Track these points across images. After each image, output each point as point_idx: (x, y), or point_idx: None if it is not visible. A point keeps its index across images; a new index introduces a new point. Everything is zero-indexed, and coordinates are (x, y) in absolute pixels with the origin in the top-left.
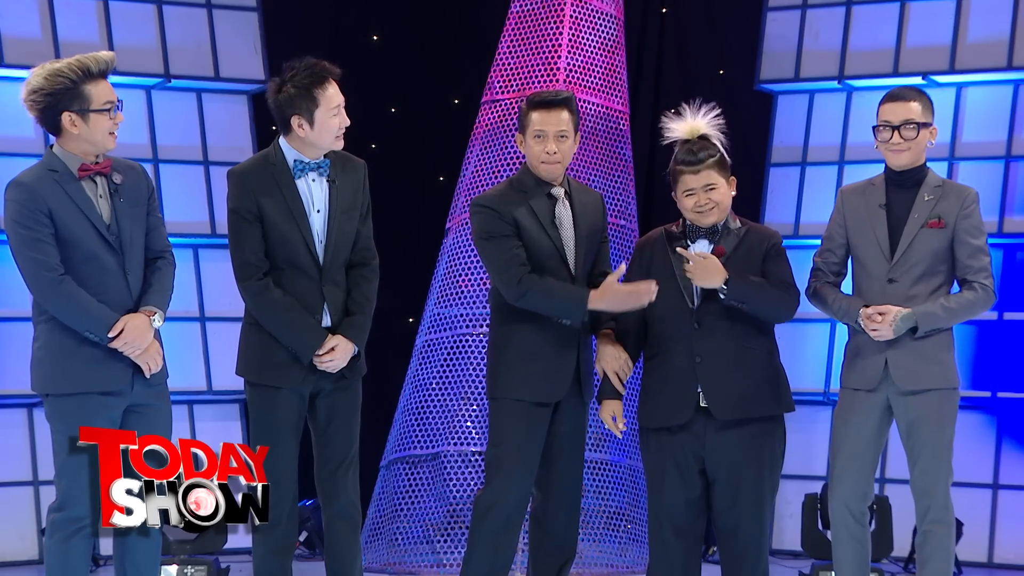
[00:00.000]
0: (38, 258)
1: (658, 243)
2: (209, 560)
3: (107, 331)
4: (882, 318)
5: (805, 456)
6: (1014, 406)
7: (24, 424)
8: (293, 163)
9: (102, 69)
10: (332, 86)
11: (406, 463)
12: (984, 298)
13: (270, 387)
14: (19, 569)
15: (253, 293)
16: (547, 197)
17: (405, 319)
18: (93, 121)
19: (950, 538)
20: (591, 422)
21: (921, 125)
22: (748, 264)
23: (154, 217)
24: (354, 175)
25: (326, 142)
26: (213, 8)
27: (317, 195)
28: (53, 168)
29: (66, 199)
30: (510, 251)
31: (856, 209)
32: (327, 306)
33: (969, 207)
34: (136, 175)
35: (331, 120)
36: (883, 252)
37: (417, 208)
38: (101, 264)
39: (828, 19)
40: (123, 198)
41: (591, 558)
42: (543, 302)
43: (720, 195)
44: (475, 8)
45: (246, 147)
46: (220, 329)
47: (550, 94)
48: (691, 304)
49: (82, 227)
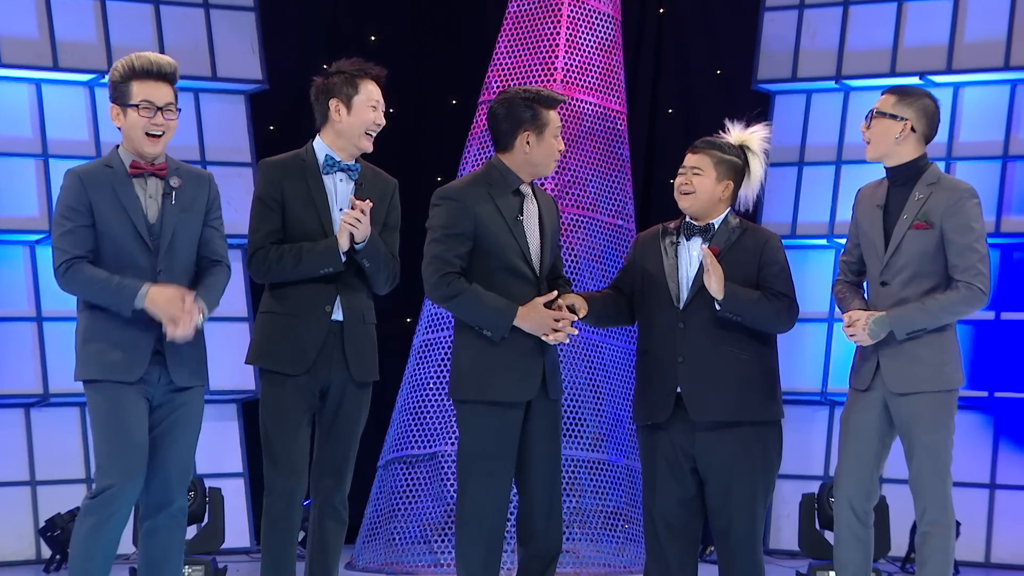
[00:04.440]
0: (59, 247)
1: (652, 240)
2: (207, 560)
3: (131, 300)
4: (856, 324)
5: (802, 456)
6: (1011, 406)
7: (22, 424)
8: (324, 158)
9: (146, 68)
10: (374, 84)
11: (403, 463)
12: (968, 297)
13: (280, 375)
14: (17, 569)
15: (255, 266)
16: (514, 194)
17: (403, 319)
18: (130, 117)
19: (949, 539)
20: (586, 422)
21: (879, 115)
22: (741, 264)
23: (210, 228)
24: (383, 188)
25: (357, 132)
26: (210, 8)
27: (342, 194)
28: (110, 164)
29: (111, 194)
30: (453, 251)
31: (864, 209)
32: (339, 300)
33: (956, 204)
34: (200, 183)
35: (367, 111)
36: (878, 254)
37: (415, 208)
38: (133, 261)
39: (825, 19)
40: (176, 202)
41: (588, 558)
42: (470, 309)
43: (702, 183)
44: (472, 8)
45: (243, 147)
46: (217, 329)
47: (558, 93)
48: (677, 304)
49: (121, 224)
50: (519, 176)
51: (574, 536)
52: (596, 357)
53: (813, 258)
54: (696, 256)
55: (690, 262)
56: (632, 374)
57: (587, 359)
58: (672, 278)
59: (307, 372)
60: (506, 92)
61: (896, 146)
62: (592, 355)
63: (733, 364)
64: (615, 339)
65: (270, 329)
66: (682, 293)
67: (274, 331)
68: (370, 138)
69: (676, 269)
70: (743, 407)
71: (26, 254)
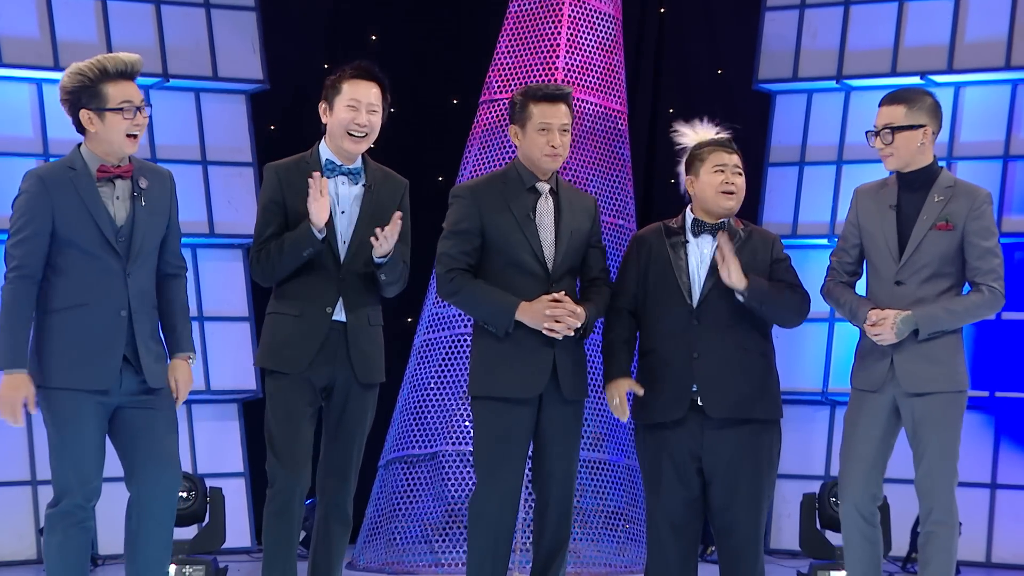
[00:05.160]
0: (10, 252)
1: (656, 240)
2: (207, 560)
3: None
4: (883, 323)
5: (803, 456)
6: (1013, 406)
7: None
8: (325, 162)
9: (120, 69)
10: (364, 84)
11: (404, 463)
12: (991, 300)
13: (282, 373)
14: (17, 569)
15: (255, 268)
16: (529, 192)
17: (403, 318)
18: (109, 120)
19: (952, 539)
20: (588, 421)
21: (898, 129)
22: (754, 263)
23: (170, 230)
24: (393, 190)
25: (339, 133)
26: (211, 8)
27: (344, 197)
28: (72, 166)
29: (74, 197)
30: (459, 247)
31: (868, 209)
32: (341, 301)
33: (979, 208)
34: (162, 182)
35: (344, 112)
36: (892, 253)
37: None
38: (102, 265)
39: (826, 19)
40: (145, 203)
41: (589, 558)
42: (473, 304)
43: (743, 184)
44: (473, 8)
45: (244, 147)
46: (218, 329)
47: (552, 87)
48: (691, 301)
49: (85, 227)
50: (533, 173)
51: (575, 536)
52: (596, 356)
53: (814, 258)
54: (707, 253)
55: (700, 259)
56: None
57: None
58: (683, 275)
59: (308, 369)
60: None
61: (918, 153)
62: (592, 354)
63: (745, 360)
64: None
65: (273, 329)
66: (695, 290)
67: (276, 331)
68: (353, 139)
69: (687, 266)
70: (756, 403)
71: None
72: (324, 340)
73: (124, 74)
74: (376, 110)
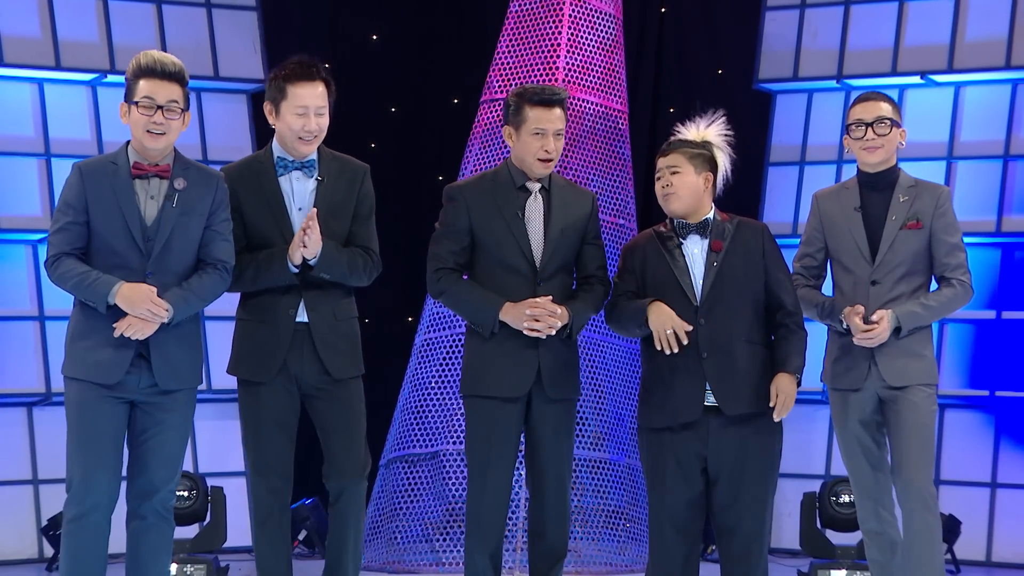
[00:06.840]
0: (52, 241)
1: (650, 245)
2: (209, 559)
3: (105, 296)
4: (877, 326)
5: (803, 455)
6: (1012, 405)
7: (24, 423)
8: (277, 160)
9: (149, 65)
10: (308, 87)
11: (405, 462)
12: (963, 294)
13: (252, 382)
14: (19, 568)
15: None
16: (519, 190)
17: (404, 318)
18: (133, 114)
19: (936, 524)
20: (588, 421)
21: (893, 123)
22: (747, 256)
23: (212, 231)
24: (351, 178)
25: (290, 138)
26: (212, 8)
27: (300, 193)
28: (115, 161)
29: (108, 191)
30: (447, 247)
31: (831, 213)
32: (303, 302)
33: (943, 205)
34: (207, 184)
35: (293, 118)
36: (863, 254)
37: (416, 207)
38: (123, 261)
39: (826, 18)
40: (177, 205)
41: (590, 557)
42: (458, 303)
43: (681, 181)
44: (474, 7)
45: (245, 147)
46: (218, 329)
47: (549, 91)
48: (694, 300)
49: (114, 222)
50: (524, 172)
51: (576, 535)
52: (597, 356)
53: None
54: (697, 253)
55: (694, 259)
56: (633, 373)
57: (588, 358)
58: (685, 276)
59: (279, 375)
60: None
61: (895, 151)
62: (593, 354)
63: (751, 354)
64: (616, 338)
65: (241, 337)
66: (696, 290)
67: (243, 338)
68: (306, 143)
69: (686, 268)
70: (765, 397)
71: (28, 253)
72: (289, 344)
73: (154, 71)
74: (324, 112)
